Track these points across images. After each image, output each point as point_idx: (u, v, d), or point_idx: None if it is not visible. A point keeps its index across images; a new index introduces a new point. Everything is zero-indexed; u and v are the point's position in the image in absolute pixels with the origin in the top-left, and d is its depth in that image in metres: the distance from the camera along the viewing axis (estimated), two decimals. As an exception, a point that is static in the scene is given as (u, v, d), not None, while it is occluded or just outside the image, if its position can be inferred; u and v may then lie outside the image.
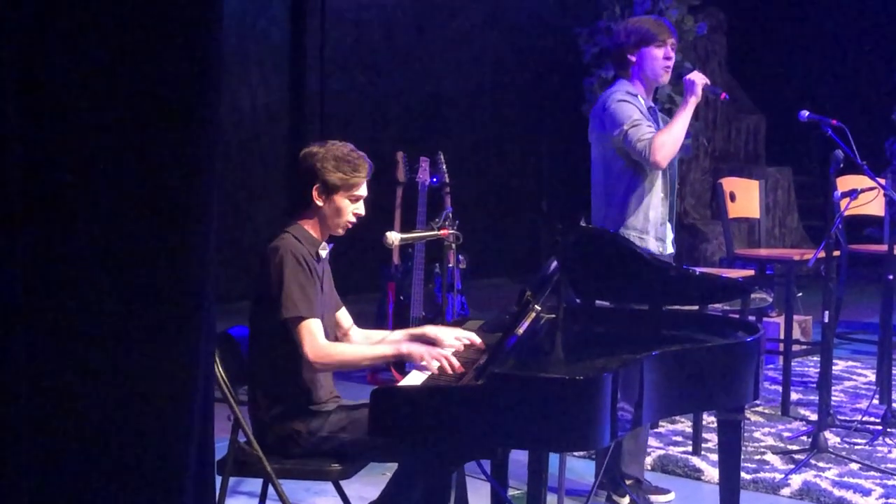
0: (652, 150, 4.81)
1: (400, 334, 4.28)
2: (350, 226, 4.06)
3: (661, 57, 4.96)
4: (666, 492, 5.18)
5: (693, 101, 4.96)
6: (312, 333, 3.84)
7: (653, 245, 4.98)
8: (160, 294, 2.24)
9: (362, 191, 4.03)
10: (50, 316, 2.15)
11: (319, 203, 3.98)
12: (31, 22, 2.09)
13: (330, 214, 4.00)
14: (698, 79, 4.97)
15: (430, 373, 3.75)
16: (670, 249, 5.11)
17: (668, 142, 4.86)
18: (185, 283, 2.28)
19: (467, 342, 4.05)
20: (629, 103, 4.89)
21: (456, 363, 3.73)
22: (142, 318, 2.23)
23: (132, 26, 2.18)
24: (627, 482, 5.01)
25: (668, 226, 5.09)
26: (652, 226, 4.99)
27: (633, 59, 4.97)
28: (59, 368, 2.17)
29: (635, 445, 5.04)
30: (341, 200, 3.98)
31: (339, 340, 4.22)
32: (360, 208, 4.05)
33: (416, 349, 3.83)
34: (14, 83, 2.07)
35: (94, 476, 2.21)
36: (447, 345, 4.04)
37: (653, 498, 5.11)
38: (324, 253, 4.03)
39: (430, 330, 4.14)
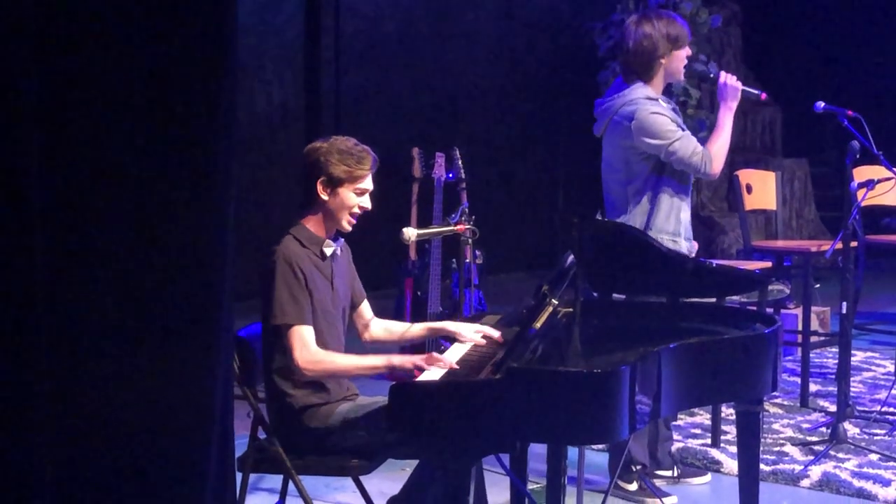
0: (711, 162, 4.90)
1: (420, 327, 4.29)
2: (355, 220, 4.05)
3: (684, 57, 5.01)
4: (703, 473, 5.34)
5: (734, 106, 5.04)
6: (303, 340, 3.85)
7: (684, 245, 4.99)
8: (178, 293, 2.25)
9: (367, 184, 4.03)
10: (68, 319, 2.16)
11: (324, 197, 3.98)
12: (44, 22, 2.10)
13: (335, 208, 3.99)
14: (736, 82, 5.04)
15: (448, 368, 3.76)
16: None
17: (722, 151, 4.97)
18: (203, 281, 2.29)
19: (487, 336, 4.06)
20: (662, 115, 4.87)
21: (448, 364, 3.75)
22: (160, 317, 2.24)
23: (147, 26, 2.19)
24: (635, 468, 5.04)
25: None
26: (683, 227, 5.00)
27: (665, 61, 4.95)
28: (78, 371, 2.18)
29: (651, 429, 5.10)
30: (346, 194, 3.98)
31: (360, 332, 4.25)
32: (366, 202, 4.04)
33: (408, 360, 3.85)
34: (31, 86, 2.09)
35: (115, 474, 2.23)
36: (467, 339, 4.06)
37: (689, 480, 5.28)
38: (329, 251, 4.03)
39: (450, 325, 4.16)
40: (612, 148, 5.02)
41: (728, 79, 5.02)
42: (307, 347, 3.84)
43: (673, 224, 4.95)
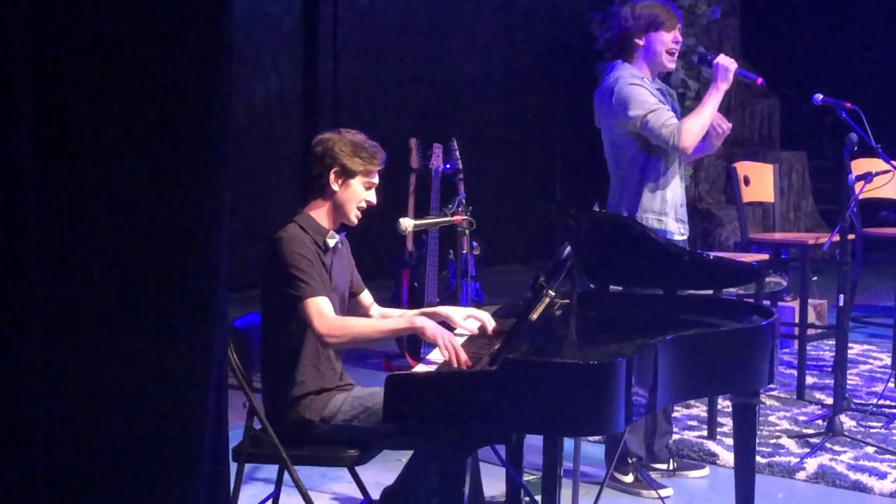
0: (680, 135, 4.82)
1: (413, 313, 4.30)
2: (360, 214, 4.08)
3: (669, 41, 4.95)
4: (701, 466, 5.31)
5: (724, 87, 4.95)
6: (321, 309, 3.85)
7: (672, 226, 4.97)
8: (173, 282, 2.25)
9: (375, 178, 4.07)
10: (64, 306, 2.16)
11: (335, 187, 4.01)
12: (39, 20, 2.09)
13: (344, 200, 4.02)
14: (730, 64, 4.96)
15: (443, 360, 3.75)
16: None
17: (696, 127, 4.88)
18: (199, 271, 2.28)
19: (479, 324, 4.04)
20: (641, 87, 4.86)
21: (464, 358, 3.71)
22: (155, 306, 2.23)
23: (142, 16, 2.18)
24: (632, 460, 5.04)
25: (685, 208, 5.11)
26: (670, 207, 4.98)
27: (641, 42, 4.95)
28: (72, 358, 2.17)
29: (649, 422, 5.11)
30: (357, 186, 4.02)
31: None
32: (372, 196, 4.08)
33: (430, 325, 3.82)
34: (26, 81, 2.08)
35: (109, 463, 2.22)
36: (457, 324, 4.04)
37: (686, 473, 5.27)
38: (332, 242, 4.04)
39: (442, 309, 4.15)
40: (604, 131, 5.05)
41: (723, 60, 4.97)
42: (325, 316, 3.85)
43: (658, 203, 4.95)
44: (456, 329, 4.04)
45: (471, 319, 4.05)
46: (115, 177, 2.18)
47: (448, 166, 7.29)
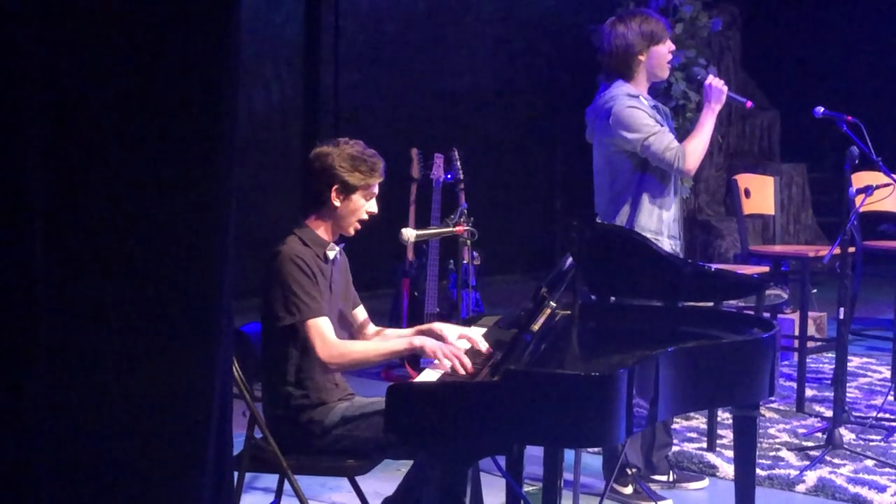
0: (685, 159, 4.86)
1: (410, 332, 4.29)
2: (360, 226, 4.08)
3: (667, 52, 4.99)
4: (700, 478, 5.31)
5: (718, 108, 5.00)
6: (322, 333, 3.85)
7: (667, 245, 4.97)
8: (178, 291, 2.25)
9: (375, 189, 4.07)
10: (67, 314, 2.16)
11: (337, 203, 4.00)
12: (49, 27, 2.10)
13: (345, 214, 4.02)
14: (722, 86, 5.00)
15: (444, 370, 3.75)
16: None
17: (699, 149, 4.93)
18: (203, 279, 2.29)
19: (471, 346, 4.00)
20: (639, 109, 4.87)
21: (468, 363, 3.72)
22: (160, 315, 2.23)
23: (150, 24, 2.19)
24: (631, 471, 5.04)
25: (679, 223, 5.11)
26: (665, 226, 4.98)
27: (643, 58, 4.96)
28: (77, 366, 2.18)
29: (648, 433, 5.11)
30: (358, 200, 4.01)
31: (353, 338, 4.23)
32: (373, 206, 4.07)
33: (429, 343, 3.83)
34: (34, 89, 2.09)
35: (112, 471, 2.22)
36: (450, 342, 4.02)
37: (685, 485, 5.27)
38: (332, 254, 4.04)
39: (437, 326, 4.14)
40: (597, 148, 5.05)
41: (714, 81, 5.01)
42: (327, 340, 3.85)
43: (655, 222, 4.95)
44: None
45: (463, 340, 4.03)
46: (120, 186, 2.19)
47: (449, 176, 7.30)
